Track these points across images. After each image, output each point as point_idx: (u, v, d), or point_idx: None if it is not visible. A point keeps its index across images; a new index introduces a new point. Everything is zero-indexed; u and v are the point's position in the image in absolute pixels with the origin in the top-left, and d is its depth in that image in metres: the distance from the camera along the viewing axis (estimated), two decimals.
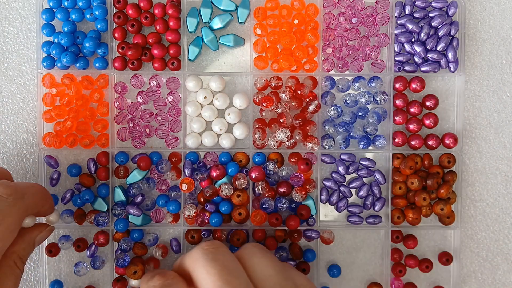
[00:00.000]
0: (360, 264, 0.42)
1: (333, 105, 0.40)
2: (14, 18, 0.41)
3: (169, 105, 0.41)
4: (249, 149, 0.41)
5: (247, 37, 0.42)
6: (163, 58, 0.40)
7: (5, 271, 0.33)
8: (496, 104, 0.42)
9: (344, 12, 0.40)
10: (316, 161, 0.41)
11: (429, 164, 0.41)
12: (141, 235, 0.41)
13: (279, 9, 0.40)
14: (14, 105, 0.42)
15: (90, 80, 0.40)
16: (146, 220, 0.40)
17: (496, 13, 0.42)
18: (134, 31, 0.40)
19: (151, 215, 0.41)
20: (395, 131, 0.41)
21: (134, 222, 0.40)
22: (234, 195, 0.40)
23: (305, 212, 0.40)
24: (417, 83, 0.41)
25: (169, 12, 0.40)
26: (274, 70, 0.40)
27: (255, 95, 0.40)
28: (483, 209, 0.43)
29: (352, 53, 0.40)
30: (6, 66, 0.42)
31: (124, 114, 0.40)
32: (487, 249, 0.43)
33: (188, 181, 0.39)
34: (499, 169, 0.43)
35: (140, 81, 0.40)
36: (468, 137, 0.43)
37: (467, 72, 0.42)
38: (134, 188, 0.40)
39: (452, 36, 0.41)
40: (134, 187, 0.40)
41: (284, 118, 0.39)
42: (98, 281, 0.42)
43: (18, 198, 0.32)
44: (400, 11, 0.41)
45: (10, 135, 0.42)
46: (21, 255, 0.34)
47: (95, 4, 0.40)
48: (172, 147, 0.41)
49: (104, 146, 0.40)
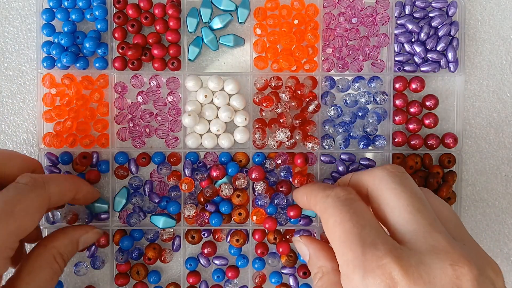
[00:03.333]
0: None
1: (333, 105, 0.40)
2: (14, 18, 0.41)
3: (169, 105, 0.41)
4: (249, 149, 0.41)
5: (247, 37, 0.42)
6: (163, 58, 0.40)
7: (41, 264, 0.33)
8: (496, 104, 0.42)
9: (344, 12, 0.40)
10: (316, 161, 0.41)
11: (429, 164, 0.41)
12: (141, 234, 0.41)
13: (279, 9, 0.40)
14: (14, 105, 0.42)
15: (90, 80, 0.40)
16: (169, 223, 0.40)
17: (496, 13, 0.42)
18: (134, 31, 0.40)
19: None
20: (395, 131, 0.41)
21: (155, 223, 0.40)
22: (234, 195, 0.40)
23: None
24: (417, 83, 0.41)
25: (169, 12, 0.40)
26: (274, 70, 0.40)
27: (255, 95, 0.40)
28: (483, 209, 0.43)
29: (352, 53, 0.40)
30: (6, 66, 0.42)
31: (124, 114, 0.40)
32: (487, 249, 0.43)
33: (188, 181, 0.39)
34: (499, 169, 0.43)
35: (140, 81, 0.40)
36: (468, 137, 0.43)
37: (467, 72, 0.42)
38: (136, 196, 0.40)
39: (452, 36, 0.41)
40: (136, 195, 0.40)
41: (284, 118, 0.39)
42: (98, 281, 0.42)
43: (37, 187, 0.32)
44: (400, 11, 0.41)
45: (10, 135, 0.42)
46: (61, 251, 0.34)
47: (95, 4, 0.40)
48: (172, 147, 0.41)
49: (104, 146, 0.40)
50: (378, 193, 0.30)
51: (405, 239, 0.27)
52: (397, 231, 0.28)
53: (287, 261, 0.41)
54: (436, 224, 0.27)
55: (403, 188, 0.29)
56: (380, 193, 0.30)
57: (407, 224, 0.27)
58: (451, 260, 0.25)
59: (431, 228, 0.27)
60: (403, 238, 0.27)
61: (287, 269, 0.41)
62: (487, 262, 0.27)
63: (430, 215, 0.28)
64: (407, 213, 0.28)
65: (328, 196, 0.30)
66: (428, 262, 0.25)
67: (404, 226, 0.27)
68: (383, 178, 0.30)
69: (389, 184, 0.29)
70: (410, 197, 0.28)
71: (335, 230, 0.28)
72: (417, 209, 0.28)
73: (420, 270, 0.25)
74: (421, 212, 0.28)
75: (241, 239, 0.40)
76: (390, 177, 0.30)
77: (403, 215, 0.28)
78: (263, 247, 0.41)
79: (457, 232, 0.29)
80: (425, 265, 0.25)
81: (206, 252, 0.41)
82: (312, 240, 0.35)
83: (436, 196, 0.33)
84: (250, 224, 0.41)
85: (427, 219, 0.27)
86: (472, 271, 0.25)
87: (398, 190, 0.29)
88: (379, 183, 0.30)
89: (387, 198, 0.29)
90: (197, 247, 0.42)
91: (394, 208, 0.28)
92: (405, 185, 0.29)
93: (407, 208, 0.28)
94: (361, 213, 0.28)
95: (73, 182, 0.36)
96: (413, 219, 0.27)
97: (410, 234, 0.27)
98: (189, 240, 0.41)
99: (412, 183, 0.30)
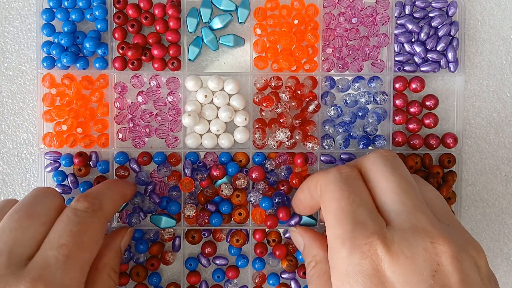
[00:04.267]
0: None
1: (333, 105, 0.40)
2: (14, 18, 0.41)
3: (169, 105, 0.41)
4: (249, 149, 0.41)
5: (247, 37, 0.42)
6: (163, 58, 0.40)
7: (101, 286, 0.33)
8: (496, 104, 0.42)
9: (344, 12, 0.40)
10: (316, 161, 0.41)
11: (429, 164, 0.41)
12: (142, 234, 0.41)
13: (279, 9, 0.40)
14: (14, 105, 0.42)
15: (90, 80, 0.40)
16: (169, 223, 0.40)
17: (496, 13, 0.42)
18: (134, 31, 0.40)
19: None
20: (395, 131, 0.41)
21: (156, 223, 0.40)
22: (234, 195, 0.40)
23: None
24: (417, 83, 0.41)
25: (169, 12, 0.40)
26: (274, 70, 0.40)
27: (255, 95, 0.40)
28: (483, 209, 0.43)
29: (352, 53, 0.40)
30: (6, 66, 0.42)
31: (124, 114, 0.40)
32: (487, 249, 0.43)
33: (188, 181, 0.39)
34: (499, 169, 0.43)
35: (140, 81, 0.40)
36: (468, 137, 0.43)
37: (467, 72, 0.42)
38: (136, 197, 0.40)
39: (452, 36, 0.41)
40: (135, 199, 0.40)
41: (284, 118, 0.39)
42: None
43: (96, 210, 0.32)
44: (400, 11, 0.41)
45: (10, 135, 0.42)
46: (112, 265, 0.34)
47: (95, 4, 0.40)
48: (172, 147, 0.41)
49: (104, 146, 0.40)
50: (370, 175, 0.31)
51: (390, 218, 0.28)
52: (385, 210, 0.29)
53: (288, 266, 0.41)
54: (421, 206, 0.28)
55: (393, 171, 0.30)
56: (372, 174, 0.31)
57: (393, 204, 0.29)
58: (431, 238, 0.26)
59: (416, 209, 0.28)
60: (388, 217, 0.28)
61: (287, 274, 0.41)
62: (469, 242, 0.28)
63: (416, 197, 0.29)
64: (394, 194, 0.29)
65: (329, 172, 0.32)
66: (409, 239, 0.26)
67: (390, 206, 0.29)
68: (375, 161, 0.31)
69: (380, 166, 0.31)
70: (398, 179, 0.29)
71: (331, 205, 0.29)
72: (404, 190, 0.29)
73: (402, 247, 0.26)
74: (407, 193, 0.29)
75: (241, 239, 0.40)
76: (383, 160, 0.31)
77: (391, 195, 0.29)
78: (262, 247, 0.41)
79: (443, 216, 0.30)
80: (407, 241, 0.26)
81: (206, 252, 0.41)
82: (307, 230, 0.36)
83: (425, 182, 0.34)
84: (250, 224, 0.41)
85: (412, 200, 0.28)
86: (451, 248, 0.26)
87: (388, 173, 0.30)
88: (371, 165, 0.31)
89: (378, 179, 0.30)
90: (197, 247, 0.42)
91: (383, 189, 0.30)
92: (395, 168, 0.30)
93: (395, 189, 0.29)
94: (358, 192, 0.30)
95: (121, 191, 0.36)
96: (399, 199, 0.28)
97: (395, 213, 0.28)
98: (189, 240, 0.41)
99: (402, 167, 0.31)
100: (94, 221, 0.31)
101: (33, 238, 0.29)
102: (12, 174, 0.42)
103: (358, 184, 0.30)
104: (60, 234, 0.29)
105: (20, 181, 0.42)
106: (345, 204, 0.29)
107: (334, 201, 0.29)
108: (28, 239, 0.29)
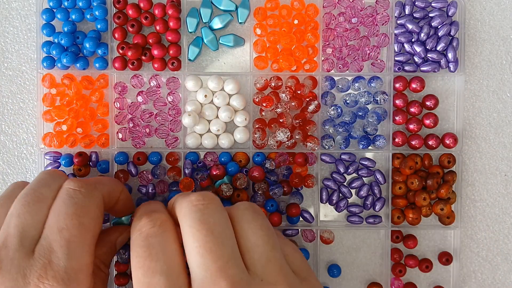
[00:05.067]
0: (360, 264, 0.42)
1: (333, 105, 0.40)
2: (14, 18, 0.41)
3: (169, 105, 0.41)
4: (249, 149, 0.41)
5: (247, 37, 0.42)
6: (163, 58, 0.40)
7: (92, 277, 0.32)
8: (496, 104, 0.42)
9: (344, 12, 0.40)
10: (316, 161, 0.41)
11: (429, 164, 0.41)
12: None
13: (279, 9, 0.40)
14: (14, 105, 0.42)
15: (90, 80, 0.40)
16: None
17: (496, 13, 0.42)
18: (134, 31, 0.40)
19: None
20: (395, 131, 0.41)
21: None
22: (234, 195, 0.40)
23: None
24: (417, 83, 0.41)
25: (169, 12, 0.40)
26: (274, 70, 0.40)
27: (255, 95, 0.40)
28: (483, 209, 0.43)
29: (352, 53, 0.40)
30: (6, 66, 0.42)
31: (124, 114, 0.40)
32: (487, 249, 0.43)
33: (188, 181, 0.39)
34: (499, 169, 0.43)
35: (140, 81, 0.40)
36: (468, 137, 0.43)
37: (467, 72, 0.42)
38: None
39: (452, 36, 0.41)
40: None
41: (284, 118, 0.39)
42: None
43: (91, 190, 0.31)
44: (400, 11, 0.41)
45: (10, 135, 0.42)
46: (103, 259, 0.34)
47: (95, 4, 0.40)
48: (172, 147, 0.41)
49: (104, 146, 0.40)
50: (181, 226, 0.28)
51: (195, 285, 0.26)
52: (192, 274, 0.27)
53: None
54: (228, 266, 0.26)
55: (200, 227, 0.27)
56: (182, 227, 0.28)
57: (198, 268, 0.26)
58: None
59: (219, 274, 0.26)
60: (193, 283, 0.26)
61: None
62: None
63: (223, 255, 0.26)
64: (199, 256, 0.26)
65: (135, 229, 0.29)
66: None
67: (195, 270, 0.26)
68: (186, 213, 0.28)
69: (188, 221, 0.28)
70: (205, 236, 0.27)
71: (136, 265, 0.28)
72: (209, 249, 0.26)
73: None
74: (212, 253, 0.26)
75: None
76: (191, 213, 0.28)
77: (195, 258, 0.26)
78: None
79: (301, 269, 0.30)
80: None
81: None
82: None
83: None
84: None
85: (217, 262, 0.26)
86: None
87: (194, 229, 0.27)
88: (182, 218, 0.28)
89: (184, 234, 0.28)
90: None
91: (189, 246, 0.27)
92: (204, 222, 0.27)
93: (199, 249, 0.26)
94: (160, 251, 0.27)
95: (116, 182, 0.36)
96: (203, 263, 0.26)
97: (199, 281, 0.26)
98: None
99: (213, 218, 0.28)
100: (91, 202, 0.31)
101: (41, 222, 0.29)
102: (12, 174, 0.42)
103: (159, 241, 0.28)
104: (57, 218, 0.29)
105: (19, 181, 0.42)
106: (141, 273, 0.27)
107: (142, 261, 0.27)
108: (37, 222, 0.29)
